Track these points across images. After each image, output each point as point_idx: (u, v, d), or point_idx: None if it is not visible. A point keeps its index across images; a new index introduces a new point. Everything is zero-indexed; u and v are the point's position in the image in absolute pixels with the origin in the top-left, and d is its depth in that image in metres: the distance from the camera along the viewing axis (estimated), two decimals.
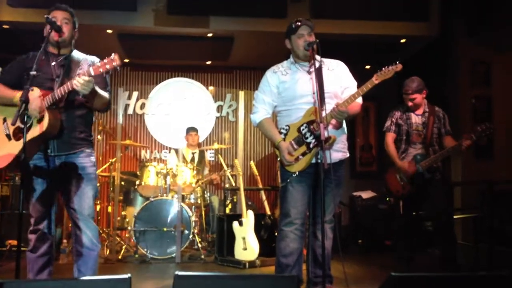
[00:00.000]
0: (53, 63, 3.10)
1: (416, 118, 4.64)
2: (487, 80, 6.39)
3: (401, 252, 4.82)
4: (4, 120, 3.04)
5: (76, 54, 3.24)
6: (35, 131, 2.89)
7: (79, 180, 3.05)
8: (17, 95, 2.85)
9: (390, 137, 4.73)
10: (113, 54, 2.78)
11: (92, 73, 2.77)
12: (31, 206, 3.07)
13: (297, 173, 3.21)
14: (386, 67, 3.11)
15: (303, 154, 3.20)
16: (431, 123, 4.57)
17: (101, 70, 2.77)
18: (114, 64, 2.75)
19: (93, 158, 3.17)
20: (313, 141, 3.17)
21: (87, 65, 3.05)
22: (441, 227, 4.58)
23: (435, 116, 4.60)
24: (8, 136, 2.97)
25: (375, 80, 3.10)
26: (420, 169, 4.50)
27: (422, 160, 4.50)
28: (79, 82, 2.75)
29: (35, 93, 2.86)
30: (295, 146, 3.21)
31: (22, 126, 2.86)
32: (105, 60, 2.78)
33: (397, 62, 3.10)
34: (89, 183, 3.09)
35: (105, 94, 3.09)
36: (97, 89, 2.94)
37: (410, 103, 4.58)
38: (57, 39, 3.08)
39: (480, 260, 4.87)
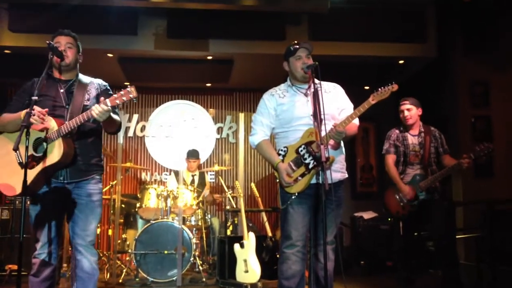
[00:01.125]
0: (62, 90, 3.14)
1: (412, 139, 4.65)
2: (486, 100, 6.43)
3: (401, 273, 4.78)
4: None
5: (82, 78, 3.28)
6: (49, 161, 2.93)
7: (86, 207, 3.10)
8: (22, 114, 2.88)
9: (390, 159, 4.72)
10: (129, 86, 2.86)
11: (109, 104, 2.83)
12: (37, 231, 3.08)
13: (296, 194, 3.21)
14: (383, 87, 3.14)
15: (302, 175, 3.20)
16: (427, 143, 4.58)
17: (117, 101, 2.84)
18: (131, 96, 2.84)
19: (100, 185, 3.22)
20: (312, 162, 3.17)
21: (95, 89, 3.19)
22: (442, 248, 4.55)
23: (431, 136, 4.62)
24: (21, 164, 2.90)
25: (372, 100, 3.12)
26: (419, 190, 4.50)
27: (421, 181, 4.51)
28: (98, 111, 2.82)
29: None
30: (294, 167, 3.22)
31: (36, 154, 2.93)
32: (122, 92, 2.84)
33: (393, 83, 3.12)
34: (94, 211, 3.13)
35: (118, 118, 3.16)
36: (112, 115, 2.99)
37: (407, 114, 4.58)
38: (61, 63, 3.13)
39: (483, 280, 4.84)
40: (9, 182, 3.02)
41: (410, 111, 4.59)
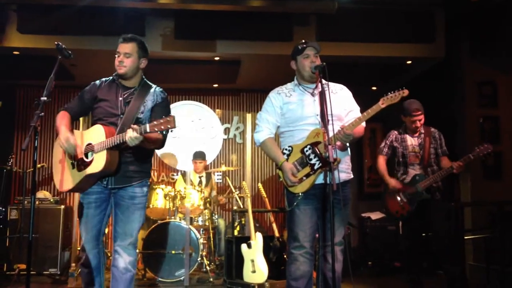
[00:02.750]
0: (120, 98, 3.23)
1: (412, 140, 4.72)
2: (494, 100, 6.39)
3: (409, 275, 4.77)
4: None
5: (145, 86, 3.34)
6: (93, 168, 3.08)
7: (127, 209, 3.20)
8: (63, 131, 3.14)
9: (381, 159, 4.87)
10: (171, 116, 2.87)
11: (148, 130, 2.85)
12: (82, 226, 3.27)
13: (301, 194, 3.20)
14: (393, 92, 3.12)
15: (307, 176, 3.19)
16: (427, 144, 4.64)
17: (156, 129, 2.84)
18: (169, 126, 2.83)
19: (145, 189, 3.31)
20: (318, 162, 3.17)
21: (151, 101, 3.26)
22: (443, 249, 4.55)
23: (431, 137, 4.68)
24: (73, 164, 3.19)
25: (382, 104, 3.11)
26: (419, 189, 4.54)
27: (421, 181, 4.56)
28: (129, 136, 2.88)
29: (71, 138, 3.09)
30: (299, 167, 3.21)
31: (85, 159, 3.13)
32: (162, 120, 2.85)
33: (403, 88, 3.11)
34: (136, 212, 3.23)
35: (157, 137, 3.14)
36: (149, 135, 2.97)
37: (418, 124, 4.65)
38: (119, 72, 3.24)
39: (492, 281, 4.81)
40: (61, 179, 3.26)
41: (422, 120, 4.66)
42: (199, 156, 6.74)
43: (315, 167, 3.18)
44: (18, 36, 5.95)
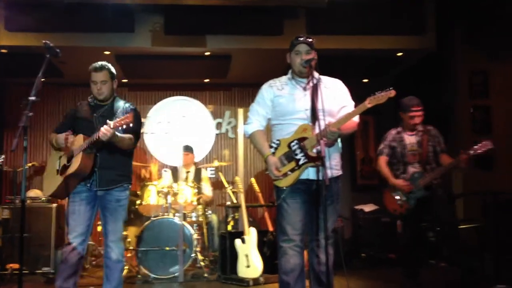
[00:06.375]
0: (95, 115, 3.73)
1: (409, 138, 4.67)
2: (486, 90, 6.41)
3: (406, 268, 4.76)
4: (60, 157, 3.77)
5: (116, 103, 3.83)
6: (70, 170, 3.55)
7: (115, 210, 3.71)
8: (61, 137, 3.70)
9: (382, 160, 4.78)
10: (129, 113, 3.42)
11: (112, 126, 3.32)
12: (69, 225, 3.68)
13: (286, 188, 3.21)
14: (380, 92, 3.10)
15: (292, 170, 3.20)
16: (425, 141, 4.60)
17: (117, 124, 3.32)
18: (127, 121, 3.32)
19: (127, 192, 3.82)
20: (303, 158, 3.17)
21: (122, 113, 3.68)
22: (446, 235, 4.55)
23: (428, 135, 4.64)
24: (58, 171, 3.72)
25: (368, 104, 3.09)
26: (418, 187, 4.50)
27: (419, 179, 4.52)
28: (102, 132, 3.32)
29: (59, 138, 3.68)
30: (285, 162, 3.22)
31: (67, 164, 3.60)
32: (122, 116, 3.38)
33: (391, 88, 3.09)
34: (121, 213, 3.76)
35: (126, 136, 3.62)
36: (118, 135, 3.47)
37: (417, 121, 4.58)
38: (99, 97, 3.73)
39: (486, 270, 4.84)
40: (50, 186, 3.76)
41: (421, 116, 4.60)
42: (185, 148, 6.63)
43: (300, 162, 3.18)
44: (5, 34, 5.89)
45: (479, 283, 4.38)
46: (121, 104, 3.82)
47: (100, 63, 3.74)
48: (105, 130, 3.31)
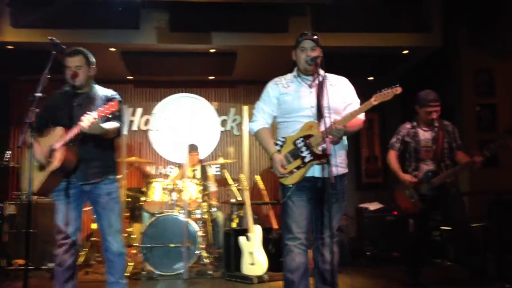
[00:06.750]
0: (74, 103, 3.49)
1: (424, 134, 4.52)
2: (491, 89, 6.38)
3: (410, 267, 4.73)
4: None
5: (95, 90, 3.62)
6: (53, 165, 3.32)
7: (107, 204, 3.57)
8: None
9: (392, 154, 4.65)
10: (115, 100, 3.28)
11: (96, 117, 3.18)
12: (58, 225, 3.49)
13: (291, 186, 3.21)
14: (386, 89, 3.09)
15: (298, 168, 3.19)
16: (441, 138, 4.45)
17: (102, 114, 3.20)
18: (112, 109, 3.21)
19: (116, 184, 3.67)
20: (309, 155, 3.17)
21: (102, 101, 3.50)
22: (460, 234, 4.50)
23: (444, 131, 4.49)
24: (38, 167, 3.41)
25: (374, 101, 3.08)
26: (431, 186, 4.40)
27: (433, 177, 4.40)
28: (84, 123, 3.15)
29: (37, 147, 3.32)
30: (291, 159, 3.21)
31: (50, 159, 3.34)
32: (107, 106, 3.23)
33: (397, 85, 3.07)
34: (114, 205, 3.62)
35: (113, 126, 3.44)
36: (103, 125, 3.31)
37: (434, 116, 4.43)
38: (73, 83, 3.48)
39: (488, 268, 4.83)
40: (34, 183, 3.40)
41: (438, 111, 4.45)
42: (191, 148, 6.68)
43: (306, 160, 3.17)
44: (11, 31, 5.91)
45: (485, 283, 4.35)
46: (100, 91, 3.61)
47: (75, 48, 3.54)
48: (88, 121, 3.15)
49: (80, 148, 3.39)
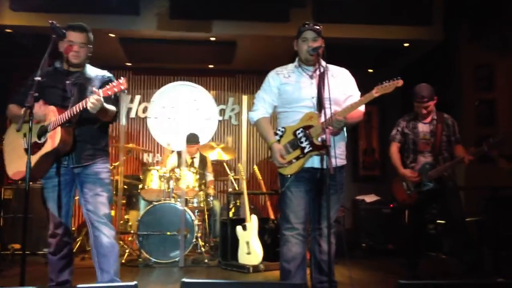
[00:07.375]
0: (68, 82, 3.28)
1: (423, 127, 4.54)
2: (491, 84, 6.37)
3: (410, 259, 4.74)
4: (24, 135, 3.23)
5: (89, 70, 3.41)
6: (47, 147, 3.11)
7: (94, 184, 3.28)
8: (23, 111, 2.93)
9: (394, 147, 4.67)
10: (122, 78, 3.00)
11: (102, 95, 2.97)
12: (50, 212, 3.30)
13: (290, 176, 3.21)
14: (387, 81, 3.09)
15: (297, 158, 3.20)
16: (439, 131, 4.47)
17: (109, 92, 2.99)
18: (122, 87, 2.99)
19: (107, 165, 3.41)
20: (308, 146, 3.16)
21: (99, 81, 3.33)
22: (456, 229, 4.51)
23: (443, 124, 4.50)
24: (26, 150, 3.14)
25: (375, 93, 3.08)
26: (427, 179, 4.42)
27: (430, 170, 4.43)
28: (91, 102, 2.95)
29: (41, 104, 3.11)
30: (290, 149, 3.22)
31: (38, 141, 3.13)
32: (114, 83, 3.00)
33: (398, 78, 3.07)
34: (103, 187, 3.31)
35: (112, 108, 3.24)
36: (105, 105, 3.07)
37: (424, 111, 4.46)
38: (71, 62, 3.28)
39: (484, 263, 4.85)
40: (16, 167, 3.27)
41: (429, 107, 4.46)
42: (191, 140, 6.55)
43: (305, 150, 3.17)
44: (11, 14, 5.87)
45: (479, 277, 4.37)
46: (95, 71, 3.42)
47: (80, 24, 3.32)
48: (95, 100, 2.94)
49: (75, 129, 3.22)
